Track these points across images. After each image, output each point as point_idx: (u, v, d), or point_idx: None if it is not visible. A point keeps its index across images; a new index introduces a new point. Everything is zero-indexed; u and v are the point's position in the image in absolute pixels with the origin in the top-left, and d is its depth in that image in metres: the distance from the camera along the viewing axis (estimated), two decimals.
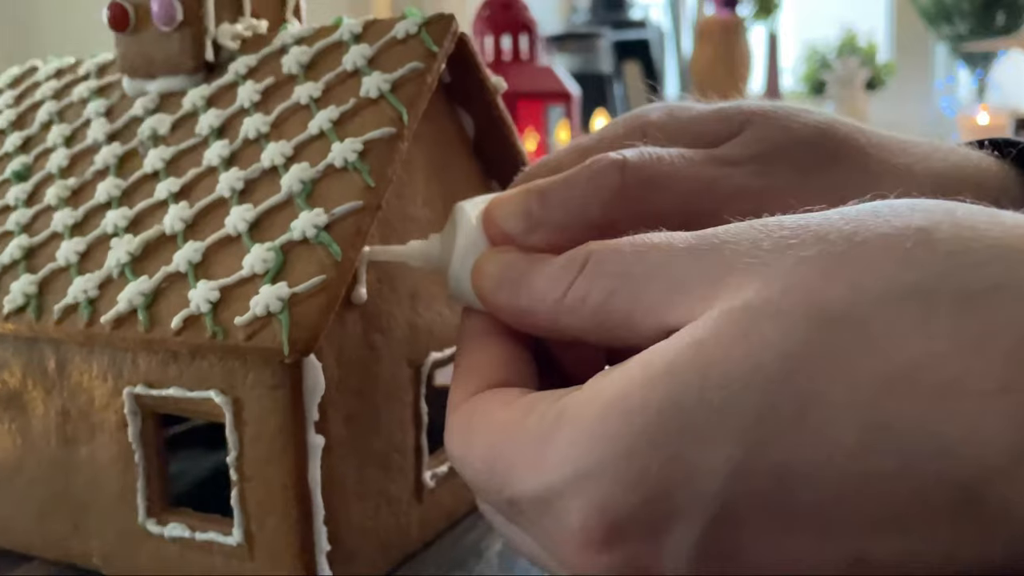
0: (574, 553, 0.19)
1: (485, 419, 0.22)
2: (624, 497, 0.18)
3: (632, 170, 0.23)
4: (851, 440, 0.16)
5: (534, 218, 0.24)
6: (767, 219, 0.20)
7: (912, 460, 0.16)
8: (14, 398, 0.32)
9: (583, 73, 1.91)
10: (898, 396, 0.16)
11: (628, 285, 0.20)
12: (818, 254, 0.18)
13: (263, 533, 0.28)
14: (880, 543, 0.17)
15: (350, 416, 0.29)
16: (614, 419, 0.18)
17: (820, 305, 0.17)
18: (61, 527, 0.32)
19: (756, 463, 0.17)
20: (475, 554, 0.32)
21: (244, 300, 0.26)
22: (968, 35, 2.61)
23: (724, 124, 0.25)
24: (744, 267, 0.19)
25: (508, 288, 0.23)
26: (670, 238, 0.20)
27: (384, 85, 0.30)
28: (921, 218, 0.18)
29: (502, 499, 0.21)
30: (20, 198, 0.35)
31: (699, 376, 0.18)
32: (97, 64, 0.39)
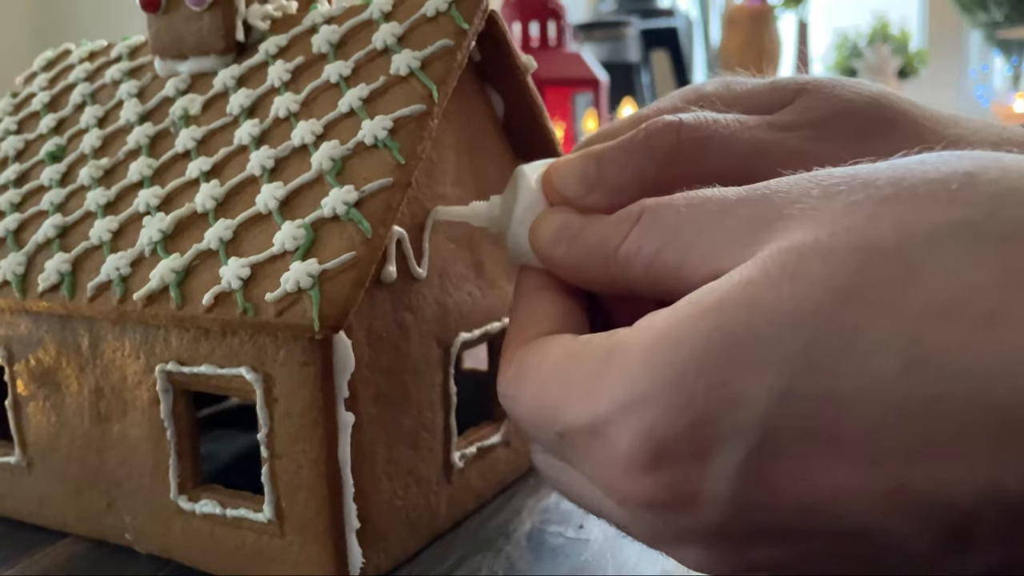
0: (621, 476, 0.19)
1: (537, 360, 0.22)
2: (671, 422, 0.18)
3: (688, 130, 0.24)
4: (895, 368, 0.17)
5: (591, 180, 0.25)
6: (817, 171, 0.20)
7: (953, 388, 0.16)
8: (48, 376, 0.33)
9: (611, 62, 1.90)
10: (941, 327, 0.16)
11: (681, 235, 0.21)
12: (866, 198, 0.18)
13: (293, 509, 0.28)
14: (921, 470, 0.17)
15: (380, 394, 0.29)
16: (663, 349, 0.19)
17: (867, 243, 0.18)
18: (95, 504, 0.33)
19: (801, 391, 0.17)
20: (503, 535, 0.32)
21: (275, 277, 0.26)
22: (1003, 22, 2.57)
23: (778, 93, 0.26)
24: (794, 213, 0.19)
25: (564, 243, 0.24)
26: (723, 192, 0.21)
27: (414, 63, 0.30)
28: (968, 164, 0.18)
29: (552, 433, 0.21)
30: (54, 178, 0.35)
31: (747, 309, 0.18)
32: (129, 46, 0.39)
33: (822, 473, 0.18)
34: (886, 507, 0.17)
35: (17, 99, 0.41)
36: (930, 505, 0.17)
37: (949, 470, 0.17)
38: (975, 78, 2.84)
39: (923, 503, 0.17)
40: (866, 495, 0.17)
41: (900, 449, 0.17)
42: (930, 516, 0.17)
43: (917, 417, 0.17)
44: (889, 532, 0.18)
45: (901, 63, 2.66)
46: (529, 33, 1.20)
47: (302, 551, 0.28)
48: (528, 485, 0.37)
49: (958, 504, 0.17)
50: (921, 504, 0.17)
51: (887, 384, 0.17)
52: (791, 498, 0.18)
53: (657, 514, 0.20)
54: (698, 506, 0.19)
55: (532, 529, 0.33)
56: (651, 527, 0.21)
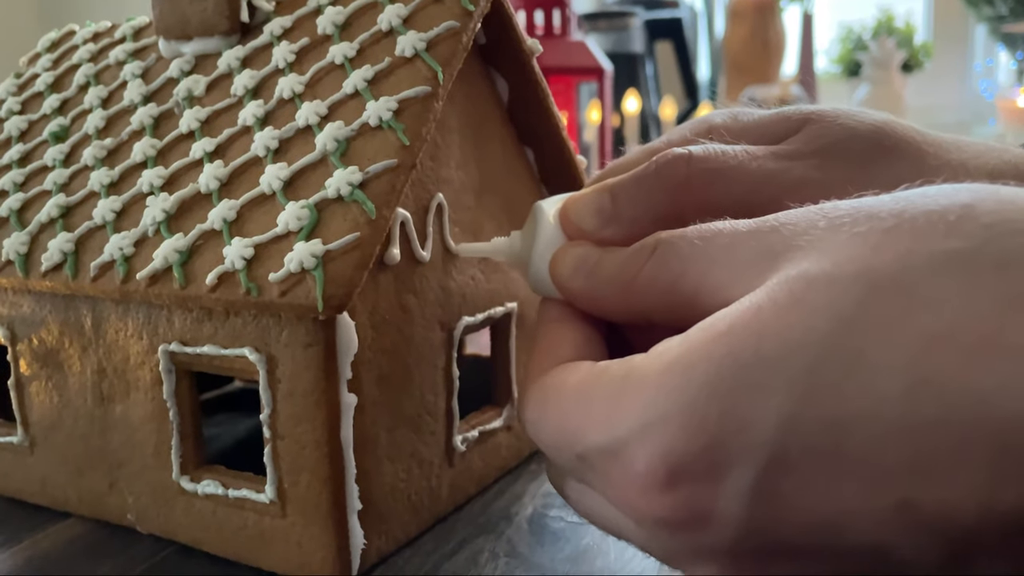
0: (638, 496, 0.20)
1: (558, 385, 0.23)
2: (685, 444, 0.19)
3: (697, 162, 0.25)
4: (896, 392, 0.17)
5: (606, 214, 0.26)
6: (823, 204, 0.21)
7: (953, 410, 0.17)
8: (51, 356, 0.33)
9: (615, 53, 1.89)
10: (940, 352, 0.17)
11: (695, 266, 0.22)
12: (869, 229, 0.19)
13: (295, 490, 0.28)
14: (923, 490, 0.17)
15: (382, 376, 0.29)
16: (677, 374, 0.20)
17: (870, 272, 0.18)
18: (97, 484, 0.33)
19: (807, 413, 0.18)
20: (505, 518, 0.32)
21: (278, 257, 0.26)
22: (1009, 16, 2.56)
23: (784, 123, 0.27)
24: (802, 244, 0.20)
25: (583, 275, 0.25)
26: (734, 224, 0.22)
27: (419, 44, 0.30)
28: (966, 196, 0.19)
29: (573, 456, 0.22)
30: (57, 159, 0.35)
31: (755, 335, 0.19)
32: (133, 27, 0.39)
33: (829, 491, 0.18)
34: (891, 524, 0.18)
35: (21, 80, 0.41)
36: (934, 522, 0.18)
37: (950, 488, 0.17)
38: (980, 72, 2.83)
39: (927, 520, 0.18)
40: (872, 512, 0.18)
41: (903, 468, 0.18)
42: (934, 533, 0.18)
43: (918, 437, 0.17)
44: (896, 549, 0.18)
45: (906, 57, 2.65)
46: (534, 21, 1.19)
47: (304, 532, 0.28)
48: (530, 470, 0.37)
49: (960, 521, 0.17)
50: (925, 521, 0.18)
51: (889, 406, 0.17)
52: (800, 516, 0.19)
53: (673, 533, 0.20)
54: (712, 525, 0.20)
55: (534, 513, 0.33)
56: (667, 545, 0.21)
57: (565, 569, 0.29)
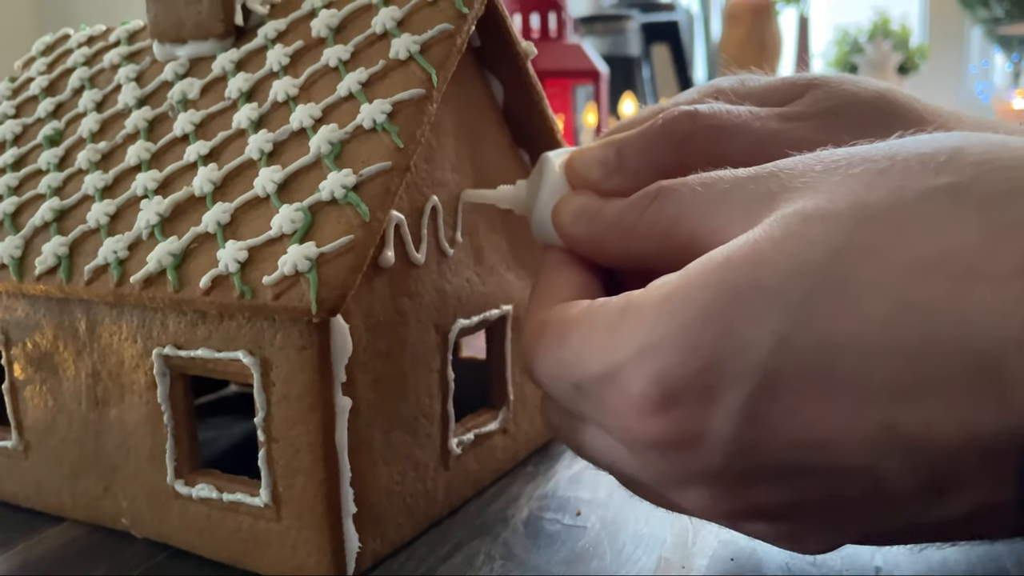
0: (632, 419, 0.21)
1: (557, 320, 0.24)
2: (680, 366, 0.20)
3: (703, 118, 0.26)
4: (884, 316, 0.18)
5: (611, 165, 0.26)
6: (820, 151, 0.22)
7: (936, 333, 0.18)
8: (45, 359, 0.33)
9: (611, 56, 1.89)
10: (927, 279, 0.18)
11: (694, 210, 0.23)
12: (863, 170, 0.20)
13: (290, 494, 0.28)
14: (907, 410, 0.18)
15: (377, 379, 0.29)
16: (674, 302, 0.20)
17: (862, 207, 0.19)
18: (92, 488, 0.33)
19: (799, 337, 0.19)
20: (501, 521, 0.32)
21: (272, 260, 0.26)
22: (1004, 19, 2.56)
23: (790, 88, 0.27)
24: (798, 185, 0.21)
25: (584, 221, 0.26)
26: (733, 171, 0.23)
27: (413, 47, 0.30)
28: (957, 139, 0.20)
29: (570, 386, 0.23)
30: (52, 162, 0.35)
31: (751, 265, 0.20)
32: (128, 31, 0.39)
33: (817, 412, 0.19)
34: (876, 444, 0.19)
35: (15, 83, 0.41)
36: (916, 442, 0.18)
37: (932, 410, 0.18)
38: (975, 74, 2.84)
39: (908, 441, 0.18)
40: (857, 432, 0.19)
41: (888, 389, 0.18)
42: (914, 455, 0.19)
43: (903, 360, 0.18)
44: (877, 471, 0.19)
45: (902, 59, 2.66)
46: (530, 24, 1.19)
47: (299, 535, 0.28)
48: (525, 473, 0.37)
49: (939, 443, 0.18)
50: (906, 442, 0.18)
51: (877, 329, 0.18)
52: (789, 436, 0.19)
53: (664, 454, 0.21)
54: (703, 445, 0.20)
55: (529, 516, 0.33)
56: (659, 469, 0.22)
57: (561, 571, 0.29)
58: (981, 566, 0.28)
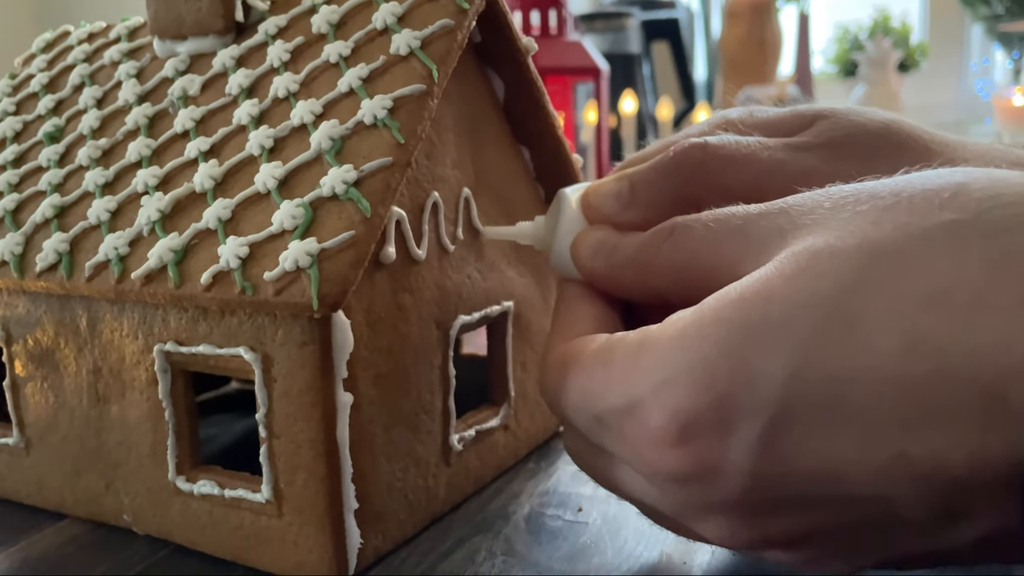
0: (651, 451, 0.22)
1: (577, 353, 0.25)
2: (696, 399, 0.20)
3: (712, 149, 0.26)
4: (893, 348, 0.19)
5: (625, 199, 0.27)
6: (828, 187, 0.22)
7: (944, 365, 0.18)
8: (47, 356, 0.33)
9: (611, 53, 1.89)
10: (934, 312, 0.18)
11: (709, 246, 0.24)
12: (871, 207, 0.21)
13: (291, 490, 0.28)
14: (917, 441, 0.19)
15: (379, 375, 0.29)
16: (690, 336, 0.21)
17: (870, 243, 0.20)
18: (93, 485, 0.33)
19: (810, 369, 0.19)
20: (502, 517, 0.32)
21: (273, 256, 0.26)
22: (1005, 16, 2.56)
23: (798, 119, 0.28)
24: (808, 223, 0.22)
25: (603, 256, 0.27)
26: (745, 207, 0.24)
27: (414, 42, 0.30)
28: (961, 176, 0.21)
29: (591, 418, 0.24)
30: (52, 159, 0.35)
31: (764, 300, 0.20)
32: (128, 27, 0.39)
33: (829, 443, 0.19)
34: (888, 474, 0.19)
35: (16, 80, 0.41)
36: (927, 472, 0.19)
37: (941, 440, 0.18)
38: (976, 71, 2.83)
39: (921, 470, 0.19)
40: (869, 462, 0.19)
41: (897, 420, 0.19)
42: (928, 483, 0.19)
43: (913, 390, 0.18)
44: (889, 500, 0.19)
45: (902, 56, 2.65)
46: (530, 22, 1.19)
47: (300, 532, 0.28)
48: (527, 469, 0.37)
49: (950, 472, 0.18)
50: (919, 471, 0.19)
51: (886, 361, 0.19)
52: (803, 466, 0.20)
53: (683, 486, 0.22)
54: (720, 477, 0.21)
55: (531, 512, 0.33)
56: (678, 500, 0.22)
57: (562, 568, 0.29)
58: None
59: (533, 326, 0.38)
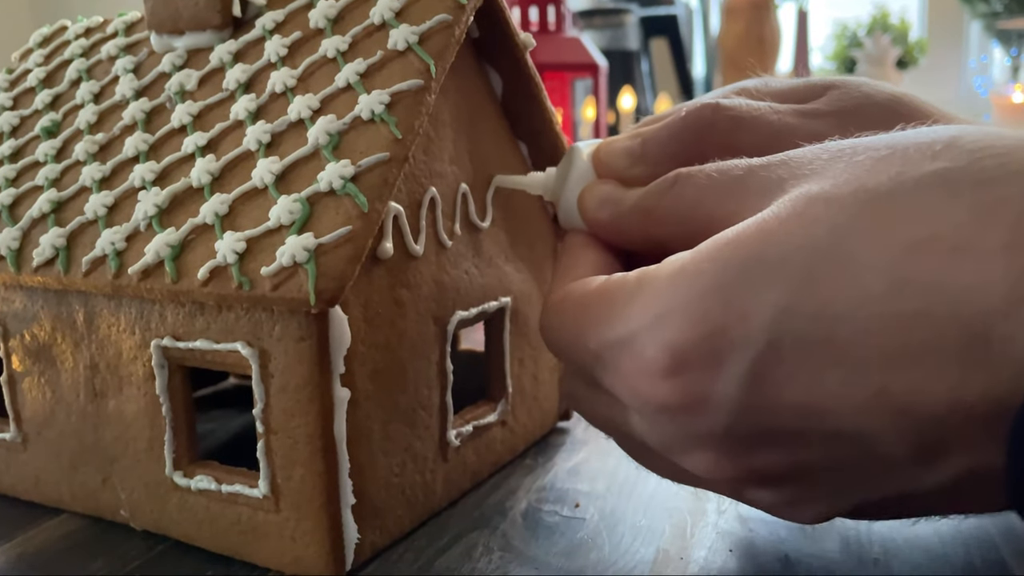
0: (644, 382, 0.22)
1: (577, 292, 0.26)
2: (689, 332, 0.21)
3: (723, 110, 0.27)
4: (880, 288, 0.19)
5: (635, 155, 0.28)
6: (827, 142, 0.23)
7: (929, 304, 0.19)
8: (44, 351, 0.33)
9: (610, 50, 1.89)
10: (921, 254, 0.19)
11: (710, 195, 0.24)
12: (866, 157, 0.21)
13: (289, 485, 0.28)
14: (899, 376, 0.19)
15: (376, 371, 0.29)
16: (687, 273, 0.22)
17: (864, 190, 0.21)
18: (90, 480, 0.33)
19: (800, 306, 0.20)
20: (500, 513, 0.32)
21: (270, 251, 0.26)
22: (1003, 13, 2.56)
23: (810, 89, 0.29)
24: (806, 172, 0.22)
25: (609, 206, 0.28)
26: (747, 160, 0.24)
27: (411, 37, 0.29)
28: (954, 130, 0.21)
29: (587, 352, 0.24)
30: (49, 153, 0.35)
31: (759, 242, 0.21)
32: (125, 22, 0.39)
33: (815, 377, 0.20)
34: (869, 409, 0.20)
35: (13, 75, 0.41)
36: (908, 408, 0.19)
37: (923, 376, 0.19)
38: (974, 69, 2.83)
39: (902, 406, 0.19)
40: (853, 397, 0.20)
41: (882, 356, 0.19)
42: (907, 419, 0.20)
43: (897, 329, 0.19)
44: (872, 436, 0.20)
45: (900, 53, 2.65)
46: (529, 17, 1.19)
47: (297, 527, 0.28)
48: (524, 465, 0.37)
49: (929, 408, 0.19)
50: (899, 407, 0.19)
51: (873, 301, 0.19)
52: (788, 400, 0.21)
53: (673, 417, 0.22)
54: (709, 408, 0.21)
55: (528, 508, 0.33)
56: (667, 432, 0.23)
57: (559, 563, 0.29)
58: (980, 556, 0.28)
59: (531, 322, 0.38)
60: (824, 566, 0.28)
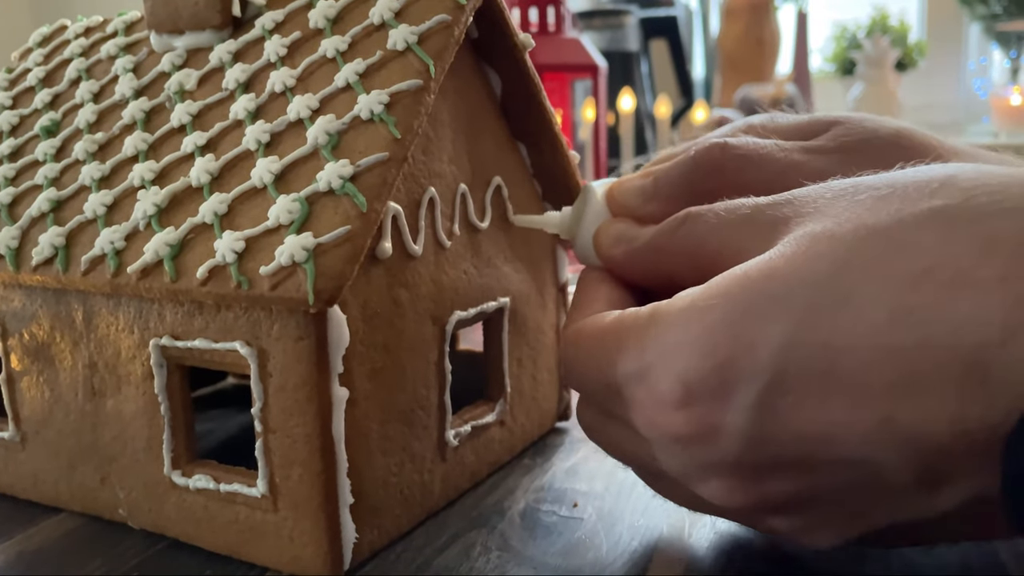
0: (658, 413, 0.23)
1: (593, 326, 0.26)
2: (699, 364, 0.22)
3: (731, 149, 0.28)
4: (882, 321, 0.20)
5: (647, 194, 0.29)
6: (830, 181, 0.24)
7: (929, 336, 0.19)
8: (42, 350, 0.33)
9: (609, 51, 1.88)
10: (920, 287, 0.20)
11: (718, 233, 0.25)
12: (867, 196, 0.22)
13: (287, 484, 0.28)
14: (903, 406, 0.20)
15: (374, 370, 0.29)
16: (697, 308, 0.23)
17: (865, 227, 0.21)
18: (89, 479, 0.33)
19: (805, 339, 0.21)
20: (498, 513, 0.32)
21: (269, 250, 0.26)
22: (1003, 15, 2.56)
23: (815, 125, 0.29)
24: (810, 211, 0.23)
25: (622, 244, 0.29)
26: (754, 199, 0.25)
27: (411, 37, 0.30)
28: (951, 169, 0.22)
29: (603, 385, 0.26)
30: (48, 153, 0.35)
31: (765, 277, 0.22)
32: (125, 21, 0.39)
33: (821, 408, 0.21)
34: (874, 437, 0.20)
35: (12, 74, 0.41)
36: (911, 436, 0.20)
37: (926, 406, 0.20)
38: (974, 71, 2.83)
39: (905, 434, 0.20)
40: (857, 426, 0.20)
41: (885, 387, 0.20)
42: (911, 447, 0.20)
43: (899, 360, 0.20)
44: (878, 463, 0.21)
45: (900, 55, 2.65)
46: (528, 19, 1.19)
47: (295, 526, 0.28)
48: (522, 464, 0.37)
49: (933, 436, 0.20)
50: (903, 435, 0.20)
51: (875, 332, 0.20)
52: (796, 429, 0.21)
53: (685, 447, 0.23)
54: (720, 438, 0.22)
55: (526, 507, 0.33)
56: (681, 461, 0.24)
57: (557, 563, 0.29)
58: (978, 556, 0.28)
59: (529, 322, 0.38)
60: (822, 564, 0.28)
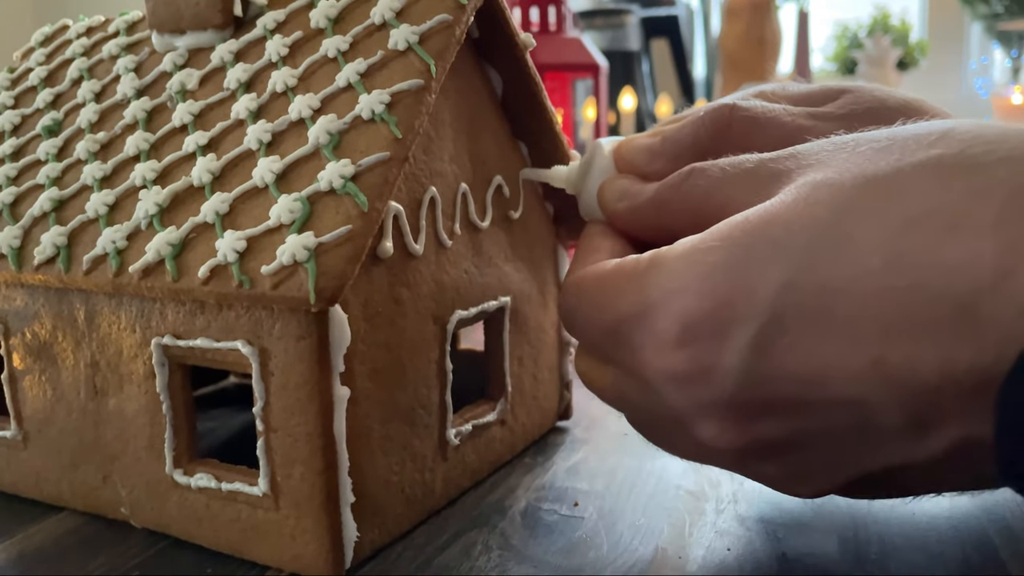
0: (657, 352, 0.24)
1: (593, 273, 0.27)
2: (698, 306, 0.23)
3: (739, 110, 0.29)
4: (877, 264, 0.20)
5: (655, 151, 0.30)
6: (832, 136, 0.25)
7: (922, 279, 0.20)
8: (44, 349, 0.33)
9: (611, 50, 1.88)
10: (916, 232, 0.20)
11: (722, 186, 0.26)
12: (867, 148, 0.23)
13: (288, 483, 0.28)
14: (894, 348, 0.20)
15: (376, 370, 0.29)
16: (698, 251, 0.24)
17: (864, 176, 0.22)
18: (90, 478, 0.33)
19: (802, 281, 0.21)
20: (499, 512, 0.33)
21: (271, 250, 0.26)
22: (1004, 14, 2.56)
23: (825, 93, 0.30)
24: (812, 162, 0.24)
25: (627, 198, 0.29)
26: (759, 154, 0.26)
27: (412, 37, 0.30)
28: (950, 123, 0.23)
29: (603, 327, 0.26)
30: (50, 152, 0.35)
31: (765, 223, 0.23)
32: (127, 21, 0.39)
33: (816, 348, 0.21)
34: (866, 378, 0.21)
35: (14, 74, 0.41)
36: (902, 377, 0.20)
37: (916, 348, 0.20)
38: (975, 70, 2.83)
39: (896, 375, 0.20)
40: (850, 366, 0.21)
41: (879, 328, 0.20)
42: (902, 388, 0.21)
43: (893, 302, 0.20)
44: (869, 404, 0.21)
45: (901, 54, 2.65)
46: (529, 18, 1.19)
47: (297, 525, 0.28)
48: (523, 463, 0.37)
49: (923, 378, 0.20)
50: (895, 376, 0.20)
51: (870, 276, 0.21)
52: (790, 369, 0.22)
53: (681, 387, 0.24)
54: (715, 377, 0.23)
55: (527, 506, 0.33)
56: (676, 401, 0.24)
57: (558, 561, 0.29)
58: (977, 556, 0.28)
59: (530, 321, 0.38)
60: (822, 565, 0.28)
